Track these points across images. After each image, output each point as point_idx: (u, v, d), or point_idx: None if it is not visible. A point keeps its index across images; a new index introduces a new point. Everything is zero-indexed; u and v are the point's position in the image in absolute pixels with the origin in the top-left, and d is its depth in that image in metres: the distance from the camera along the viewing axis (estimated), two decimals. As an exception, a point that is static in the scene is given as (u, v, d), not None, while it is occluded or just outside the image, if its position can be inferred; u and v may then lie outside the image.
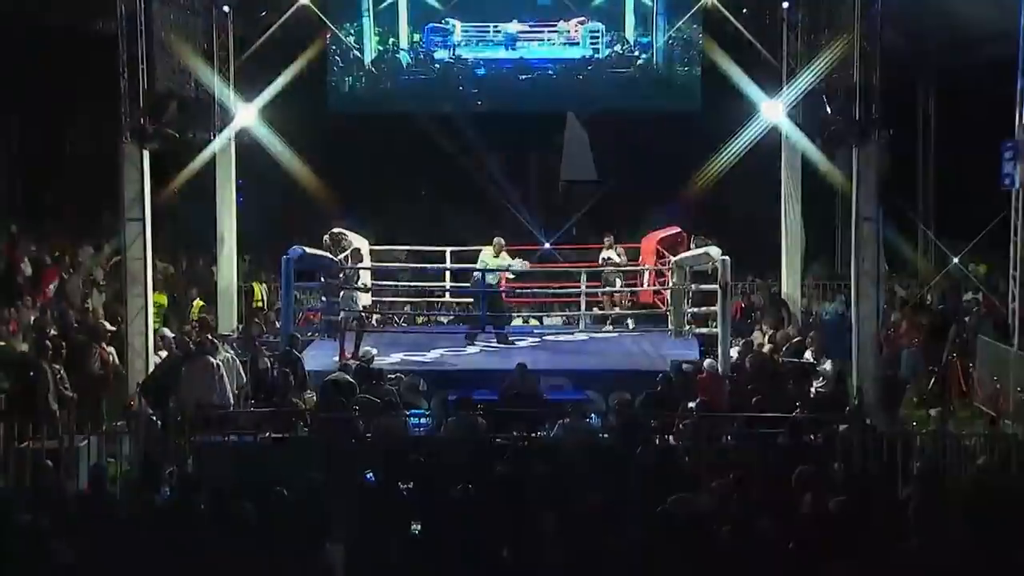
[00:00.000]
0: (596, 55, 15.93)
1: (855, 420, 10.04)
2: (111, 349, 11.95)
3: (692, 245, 14.19)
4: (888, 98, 12.00)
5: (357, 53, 15.79)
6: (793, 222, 14.60)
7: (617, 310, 15.31)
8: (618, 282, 14.64)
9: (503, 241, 14.23)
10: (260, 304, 15.89)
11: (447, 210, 20.60)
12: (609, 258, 14.80)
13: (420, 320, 16.37)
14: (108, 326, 12.39)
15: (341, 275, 13.47)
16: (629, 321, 15.16)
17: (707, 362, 11.56)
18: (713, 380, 11.17)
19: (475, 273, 13.86)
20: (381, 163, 20.36)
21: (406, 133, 19.20)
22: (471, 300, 15.12)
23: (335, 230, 14.54)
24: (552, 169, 21.13)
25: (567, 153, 20.18)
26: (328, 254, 13.52)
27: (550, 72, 16.09)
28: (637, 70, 15.90)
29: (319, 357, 12.64)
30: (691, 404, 10.15)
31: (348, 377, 11.02)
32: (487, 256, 14.06)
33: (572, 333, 14.61)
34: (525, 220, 19.85)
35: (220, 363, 10.71)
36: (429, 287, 15.96)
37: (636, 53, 15.89)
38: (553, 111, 18.30)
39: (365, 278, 14.54)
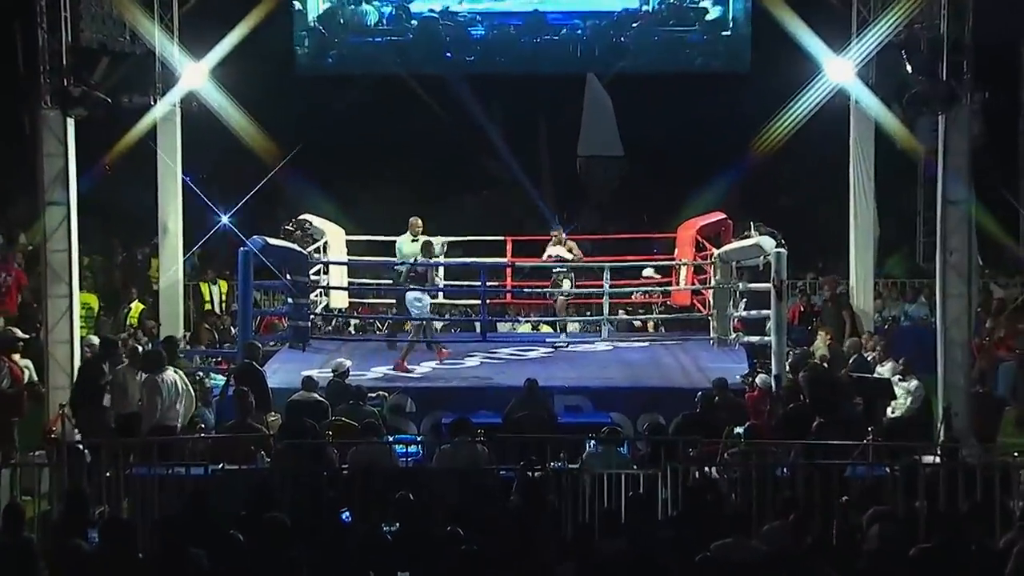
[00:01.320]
0: (643, 7, 15.73)
1: (942, 449, 9.99)
2: (26, 362, 11.96)
3: (748, 234, 14.11)
4: (982, 53, 11.98)
5: (324, 3, 15.80)
6: (864, 206, 14.57)
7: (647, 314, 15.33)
8: (567, 283, 14.39)
9: (419, 220, 14.27)
10: (211, 307, 15.90)
11: (440, 194, 20.64)
12: (558, 256, 14.39)
13: (408, 326, 16.34)
14: (20, 333, 12.39)
15: (311, 272, 13.49)
16: (661, 327, 15.17)
17: (759, 378, 11.56)
18: (765, 400, 11.13)
19: (399, 266, 13.90)
20: (361, 137, 20.41)
21: (390, 101, 19.27)
22: (472, 302, 15.17)
23: (303, 217, 14.61)
24: (568, 142, 21.13)
25: (586, 123, 20.18)
26: (295, 246, 13.54)
27: (578, 30, 15.91)
28: (672, 15, 15.79)
29: (284, 371, 12.66)
30: (738, 429, 10.13)
31: (319, 396, 11.02)
32: (403, 243, 14.13)
33: (593, 342, 14.60)
34: (535, 205, 19.88)
35: (163, 379, 10.72)
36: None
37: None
38: (569, 72, 18.32)
39: (339, 275, 14.58)
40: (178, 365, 11.37)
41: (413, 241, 14.21)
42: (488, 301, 14.41)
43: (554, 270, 14.43)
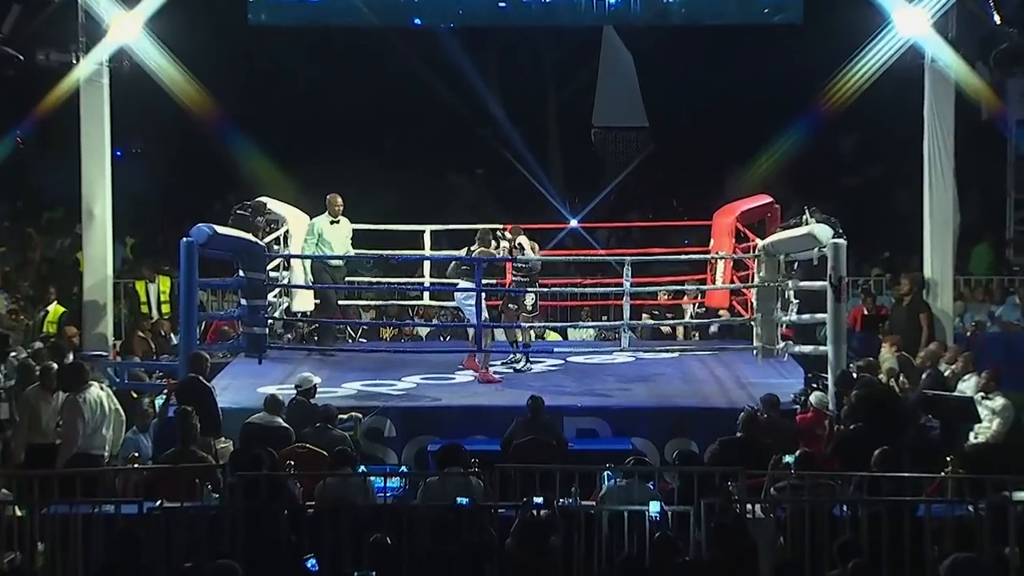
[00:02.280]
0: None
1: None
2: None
3: (799, 221, 14.10)
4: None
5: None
6: (941, 188, 14.56)
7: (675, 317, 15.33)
8: (530, 299, 13.94)
9: (339, 198, 14.34)
10: (148, 310, 15.91)
11: (425, 172, 20.67)
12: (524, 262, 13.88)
13: (386, 333, 16.39)
14: None
15: (270, 267, 13.49)
16: (693, 334, 15.17)
17: (813, 396, 11.54)
18: (821, 422, 11.10)
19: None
20: (328, 103, 20.45)
21: (365, 59, 19.29)
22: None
23: (260, 199, 14.60)
24: (580, 110, 21.16)
25: (603, 88, 20.22)
26: (250, 236, 13.54)
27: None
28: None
29: (237, 388, 12.67)
30: (788, 458, 10.14)
31: (280, 419, 11.01)
32: (321, 225, 14.21)
33: (611, 353, 14.61)
34: (541, 189, 19.91)
35: (86, 398, 10.70)
36: (399, 285, 15.97)
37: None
38: (582, 25, 18.29)
39: (300, 273, 14.57)
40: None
41: (333, 223, 14.24)
42: (484, 303, 14.36)
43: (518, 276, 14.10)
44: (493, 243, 13.72)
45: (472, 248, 13.74)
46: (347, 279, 15.04)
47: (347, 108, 20.40)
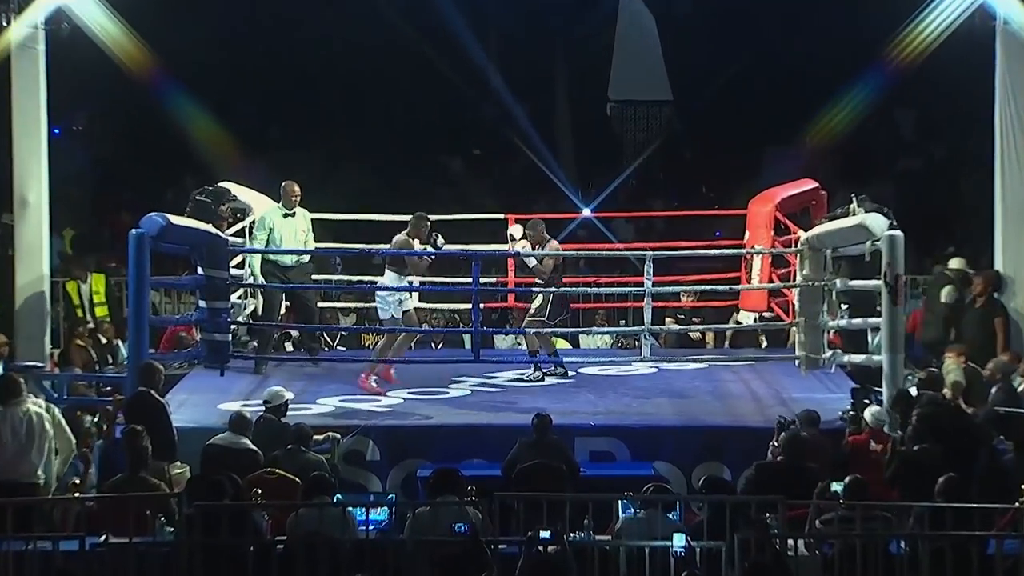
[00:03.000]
0: None
1: None
2: None
3: (848, 210, 14.10)
4: None
5: None
6: (1015, 170, 14.57)
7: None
8: (537, 301, 14.01)
9: (296, 187, 14.29)
10: (82, 313, 15.89)
11: (414, 154, 20.67)
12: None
13: (368, 340, 16.39)
14: None
15: (233, 263, 13.49)
16: (725, 340, 15.14)
17: (867, 413, 11.51)
18: (878, 444, 11.12)
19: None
20: (301, 72, 20.46)
21: (341, 20, 19.29)
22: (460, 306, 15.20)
23: (222, 185, 14.60)
24: (594, 82, 21.19)
25: (621, 55, 20.27)
26: (211, 227, 13.54)
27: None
28: None
29: (195, 404, 12.72)
30: (836, 486, 10.14)
31: (245, 440, 11.01)
32: (272, 217, 14.19)
33: (630, 363, 14.64)
34: (548, 173, 19.93)
35: (11, 416, 10.70)
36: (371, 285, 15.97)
37: None
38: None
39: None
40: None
41: (287, 217, 14.25)
42: (482, 305, 14.38)
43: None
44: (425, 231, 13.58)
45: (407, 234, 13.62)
46: (314, 279, 14.99)
47: (321, 78, 20.42)
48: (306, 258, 14.48)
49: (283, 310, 14.74)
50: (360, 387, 13.34)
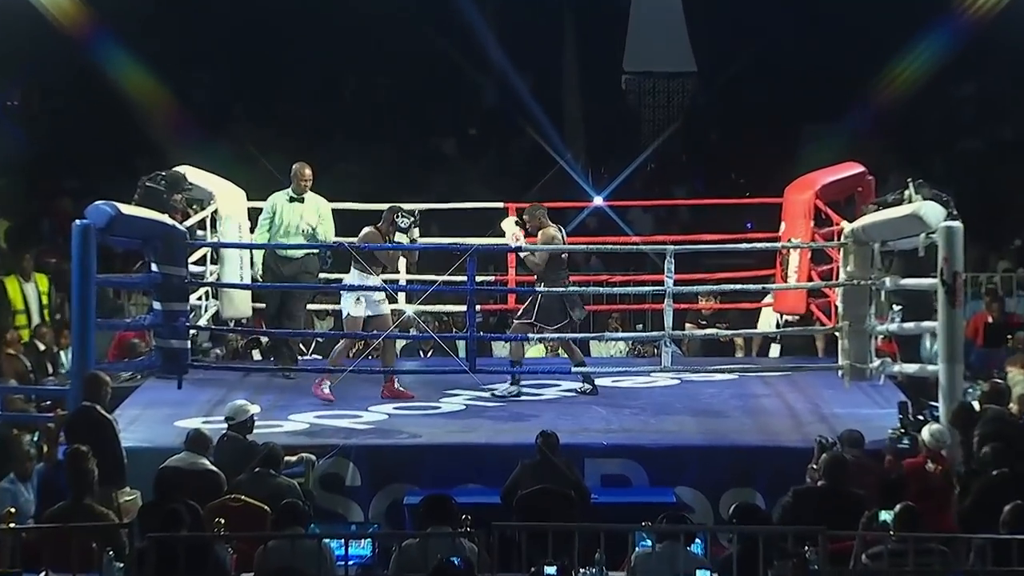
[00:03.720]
0: None
1: None
2: None
3: (899, 197, 14.15)
4: None
5: None
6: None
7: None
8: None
9: (308, 170, 14.39)
10: (25, 317, 15.97)
11: (404, 136, 20.73)
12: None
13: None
14: None
15: (193, 259, 13.55)
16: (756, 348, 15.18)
17: (926, 431, 11.54)
18: (934, 465, 11.16)
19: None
20: (274, 42, 20.51)
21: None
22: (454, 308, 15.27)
23: (178, 169, 14.66)
24: (608, 53, 21.26)
25: (638, 22, 20.34)
26: (166, 217, 13.60)
27: None
28: None
29: (149, 420, 12.78)
30: (885, 515, 10.17)
31: (206, 461, 11.06)
32: (278, 204, 14.36)
33: (648, 373, 14.71)
34: (555, 156, 19.98)
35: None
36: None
37: None
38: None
39: (234, 267, 14.63)
40: None
41: (293, 201, 14.33)
42: (479, 307, 14.43)
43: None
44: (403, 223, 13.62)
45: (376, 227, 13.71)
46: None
47: (296, 49, 20.46)
48: (300, 253, 14.49)
49: (248, 309, 14.82)
50: (313, 393, 13.41)
